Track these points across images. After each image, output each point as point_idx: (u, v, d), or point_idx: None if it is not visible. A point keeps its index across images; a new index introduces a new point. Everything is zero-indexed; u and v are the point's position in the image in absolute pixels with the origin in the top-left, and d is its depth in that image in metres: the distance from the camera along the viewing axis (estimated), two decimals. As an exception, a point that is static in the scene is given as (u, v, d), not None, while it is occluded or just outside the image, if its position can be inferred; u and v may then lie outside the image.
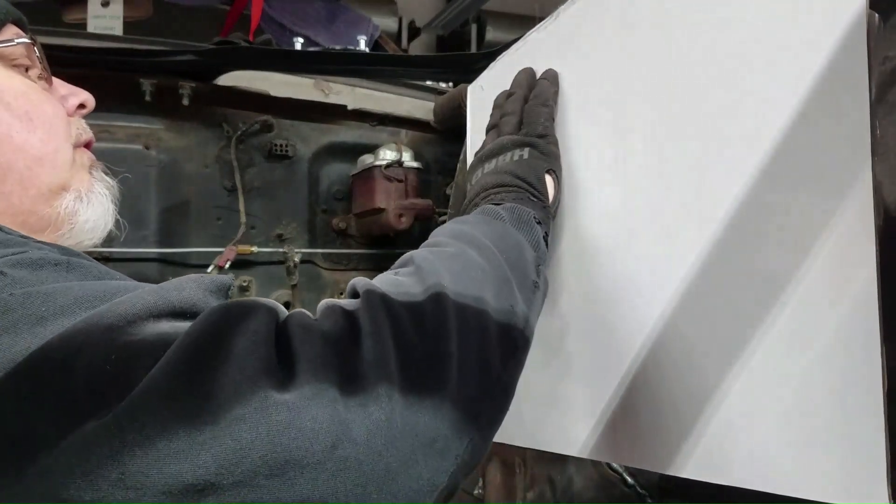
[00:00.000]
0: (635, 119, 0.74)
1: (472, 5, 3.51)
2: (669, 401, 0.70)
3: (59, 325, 0.45)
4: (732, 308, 0.64)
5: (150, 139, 1.45)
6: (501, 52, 1.19)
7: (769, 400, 0.60)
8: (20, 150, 0.67)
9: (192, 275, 0.51)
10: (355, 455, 0.44)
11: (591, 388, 0.80)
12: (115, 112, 1.41)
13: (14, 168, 0.67)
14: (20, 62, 0.72)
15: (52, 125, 0.71)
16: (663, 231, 0.72)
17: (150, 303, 0.46)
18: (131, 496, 0.40)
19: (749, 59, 0.63)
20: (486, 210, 0.72)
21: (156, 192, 1.45)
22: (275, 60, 1.55)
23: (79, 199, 0.71)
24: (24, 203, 0.67)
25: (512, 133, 0.81)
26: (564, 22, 0.85)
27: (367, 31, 2.65)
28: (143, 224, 1.43)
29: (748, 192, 0.62)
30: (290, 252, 1.58)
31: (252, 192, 1.55)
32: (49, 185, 0.69)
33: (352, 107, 1.66)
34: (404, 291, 0.54)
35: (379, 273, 0.60)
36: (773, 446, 0.60)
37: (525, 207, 0.73)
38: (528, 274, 0.67)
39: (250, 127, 1.53)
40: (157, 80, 1.41)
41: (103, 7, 2.11)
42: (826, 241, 0.57)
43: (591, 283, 0.81)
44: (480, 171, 0.80)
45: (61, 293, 0.48)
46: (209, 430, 0.41)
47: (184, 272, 1.48)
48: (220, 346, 0.43)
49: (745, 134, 0.63)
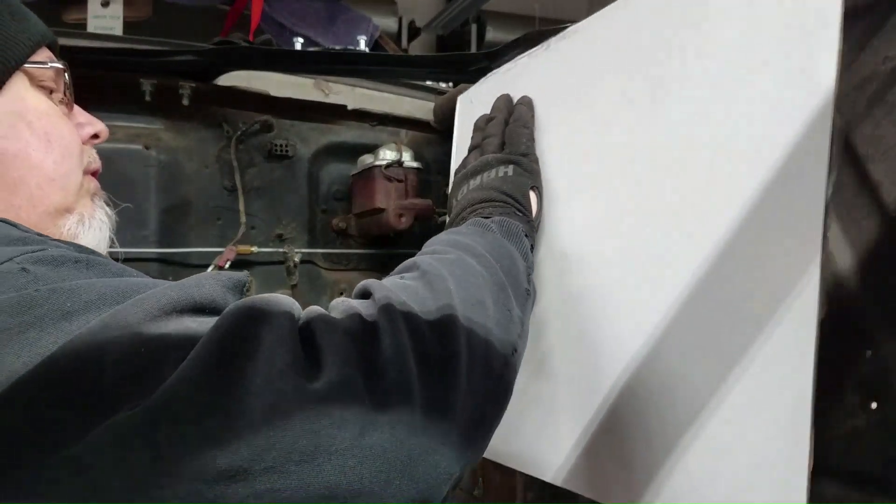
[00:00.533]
0: (612, 149, 0.79)
1: (472, 5, 3.51)
2: (643, 430, 0.71)
3: (85, 319, 0.47)
4: (712, 331, 0.66)
5: (149, 139, 1.45)
6: (501, 52, 1.19)
7: (745, 429, 0.62)
8: (35, 168, 0.71)
9: (210, 272, 0.53)
10: (381, 442, 0.47)
11: (567, 413, 0.82)
12: (115, 112, 1.41)
13: (26, 184, 0.70)
14: (46, 84, 0.75)
15: (68, 149, 0.74)
16: (640, 250, 0.74)
17: (173, 298, 0.48)
18: (164, 482, 0.42)
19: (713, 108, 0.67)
20: (477, 222, 0.76)
21: (155, 192, 1.45)
22: (275, 60, 1.54)
23: (81, 223, 0.75)
24: (31, 219, 0.70)
25: (495, 152, 0.86)
26: (554, 53, 0.90)
27: (367, 31, 2.65)
28: (142, 224, 1.43)
29: (716, 220, 0.65)
30: (290, 252, 1.58)
31: (252, 192, 1.55)
32: (56, 206, 0.72)
33: (352, 107, 1.66)
34: (415, 293, 0.57)
35: (379, 273, 0.62)
36: (747, 475, 0.61)
37: (513, 221, 0.77)
38: (520, 282, 0.71)
39: (250, 127, 1.53)
40: (157, 80, 1.41)
41: (103, 7, 2.11)
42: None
43: (570, 295, 0.84)
44: (466, 187, 0.85)
45: (85, 289, 0.49)
46: (241, 418, 0.43)
47: (184, 272, 1.48)
48: (247, 340, 0.45)
49: (713, 166, 0.66)
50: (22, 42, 0.72)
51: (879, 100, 0.63)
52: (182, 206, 1.49)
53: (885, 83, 0.63)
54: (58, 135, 0.73)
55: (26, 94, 0.72)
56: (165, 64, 1.40)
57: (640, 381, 0.72)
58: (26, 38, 0.73)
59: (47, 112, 0.74)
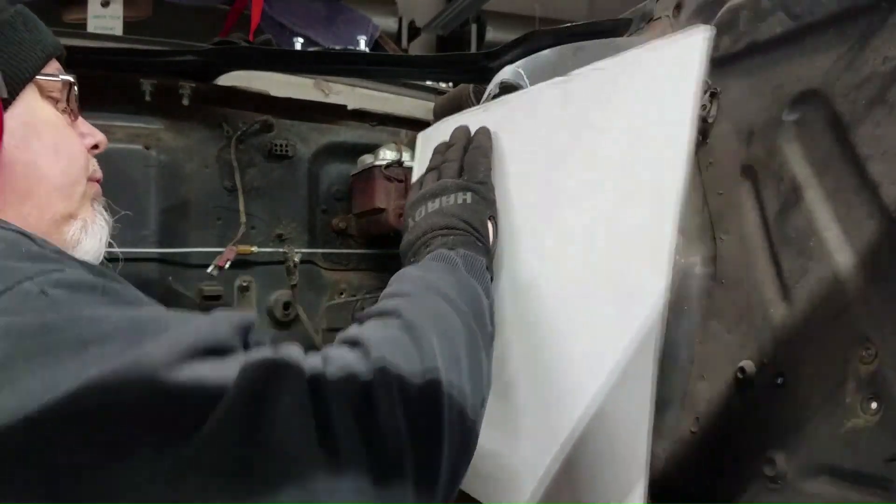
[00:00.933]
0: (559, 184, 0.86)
1: (472, 5, 3.52)
2: (601, 464, 0.74)
3: (101, 351, 0.48)
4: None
5: (150, 139, 1.45)
6: (501, 52, 1.19)
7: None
8: (44, 178, 0.73)
9: (222, 312, 0.55)
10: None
11: (528, 447, 0.85)
12: (115, 112, 1.41)
13: (35, 194, 0.72)
14: (53, 95, 0.77)
15: (74, 159, 0.77)
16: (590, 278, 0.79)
17: (191, 345, 0.50)
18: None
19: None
20: (443, 256, 0.78)
21: (155, 192, 1.45)
22: (275, 60, 1.55)
23: (84, 230, 0.78)
24: (40, 226, 0.72)
25: (454, 177, 0.88)
26: (490, 115, 1.00)
27: (367, 32, 2.65)
28: (142, 224, 1.43)
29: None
30: (289, 252, 1.58)
31: (252, 192, 1.55)
32: (62, 213, 0.75)
33: (352, 107, 1.66)
34: (404, 352, 0.59)
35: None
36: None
37: (477, 255, 0.80)
38: (486, 324, 0.74)
39: (250, 127, 1.53)
40: (157, 80, 1.41)
41: (103, 7, 2.12)
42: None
43: (525, 323, 0.88)
44: (424, 209, 0.87)
45: (103, 320, 0.50)
46: (258, 478, 0.46)
47: (184, 272, 1.48)
48: (267, 400, 0.49)
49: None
50: (36, 54, 0.74)
51: (879, 100, 0.63)
52: (182, 206, 1.49)
53: (884, 83, 0.63)
54: (65, 145, 0.76)
55: (36, 105, 0.74)
56: (165, 64, 1.40)
57: (594, 408, 0.76)
58: (39, 50, 0.75)
59: (56, 124, 0.76)
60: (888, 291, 0.61)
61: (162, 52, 1.40)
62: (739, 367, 0.73)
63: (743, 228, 0.77)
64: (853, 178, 0.65)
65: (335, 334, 0.63)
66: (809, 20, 0.71)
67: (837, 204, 0.66)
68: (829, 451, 0.64)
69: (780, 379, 0.69)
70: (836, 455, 0.63)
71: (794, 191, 0.71)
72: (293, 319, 1.59)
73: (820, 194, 0.68)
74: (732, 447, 0.74)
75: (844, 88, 0.67)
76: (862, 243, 0.63)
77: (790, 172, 0.71)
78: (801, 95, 0.71)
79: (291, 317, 1.58)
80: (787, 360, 0.69)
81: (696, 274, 0.82)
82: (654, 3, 1.00)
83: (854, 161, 0.65)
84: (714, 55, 0.82)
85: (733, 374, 0.74)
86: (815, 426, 0.65)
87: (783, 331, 0.70)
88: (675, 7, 0.94)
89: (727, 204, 0.80)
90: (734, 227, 0.78)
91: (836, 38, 0.68)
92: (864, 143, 0.64)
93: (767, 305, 0.72)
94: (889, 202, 0.61)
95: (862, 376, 0.62)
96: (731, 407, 0.75)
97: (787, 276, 0.71)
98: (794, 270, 0.70)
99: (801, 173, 0.70)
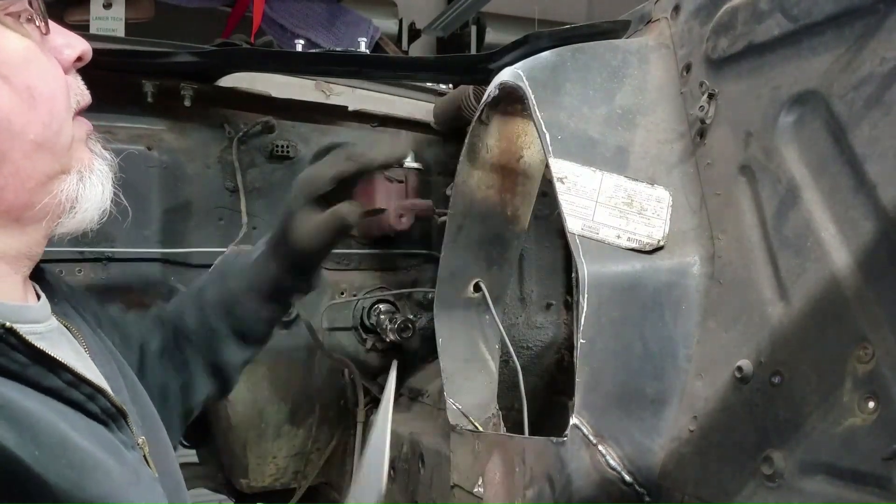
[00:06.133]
0: None
1: (472, 7, 3.52)
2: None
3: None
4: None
5: (152, 140, 1.46)
6: (501, 53, 1.19)
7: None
8: (18, 136, 0.59)
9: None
10: None
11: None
12: (117, 113, 1.42)
13: (9, 158, 0.59)
14: (12, 10, 0.61)
15: (54, 100, 0.63)
16: None
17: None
18: None
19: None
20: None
21: (158, 192, 1.45)
22: (276, 62, 1.55)
23: (80, 181, 0.65)
24: (21, 197, 0.61)
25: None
26: None
27: (368, 33, 2.65)
28: (144, 224, 1.43)
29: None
30: (290, 252, 1.58)
31: (254, 193, 1.55)
32: (48, 173, 0.62)
33: (353, 108, 1.67)
34: None
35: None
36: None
37: None
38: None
39: (252, 128, 1.54)
40: (159, 82, 1.41)
41: (105, 9, 2.12)
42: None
43: None
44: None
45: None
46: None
47: (185, 272, 1.48)
48: None
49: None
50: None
51: (877, 101, 0.64)
52: (184, 207, 1.49)
53: (882, 84, 0.63)
54: (41, 84, 0.61)
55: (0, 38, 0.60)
56: (167, 65, 1.40)
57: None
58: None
59: (25, 57, 0.61)
60: (886, 291, 0.61)
61: (164, 53, 1.40)
62: (737, 367, 0.73)
63: (741, 228, 0.77)
64: (851, 178, 0.65)
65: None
66: (807, 21, 0.71)
67: (835, 204, 0.67)
68: (827, 449, 0.64)
69: (778, 378, 0.70)
70: (834, 454, 0.63)
71: (791, 191, 0.71)
72: (293, 319, 1.59)
73: (817, 195, 0.68)
74: (730, 446, 0.74)
75: (842, 89, 0.67)
76: (859, 243, 0.64)
77: (788, 173, 0.72)
78: (799, 96, 0.72)
79: (292, 317, 1.58)
80: (784, 360, 0.70)
81: (693, 273, 0.82)
82: (653, 4, 1.00)
83: (851, 162, 0.65)
84: (712, 56, 0.83)
85: (731, 373, 0.74)
86: (812, 425, 0.65)
87: (781, 330, 0.70)
88: (674, 9, 0.94)
89: (725, 204, 0.80)
90: (732, 227, 0.79)
91: (834, 39, 0.68)
92: (862, 143, 0.64)
93: (765, 305, 0.72)
94: (886, 202, 0.61)
95: (859, 375, 0.62)
96: (728, 406, 0.75)
97: (784, 275, 0.71)
98: (791, 270, 0.70)
99: (798, 174, 0.71)
